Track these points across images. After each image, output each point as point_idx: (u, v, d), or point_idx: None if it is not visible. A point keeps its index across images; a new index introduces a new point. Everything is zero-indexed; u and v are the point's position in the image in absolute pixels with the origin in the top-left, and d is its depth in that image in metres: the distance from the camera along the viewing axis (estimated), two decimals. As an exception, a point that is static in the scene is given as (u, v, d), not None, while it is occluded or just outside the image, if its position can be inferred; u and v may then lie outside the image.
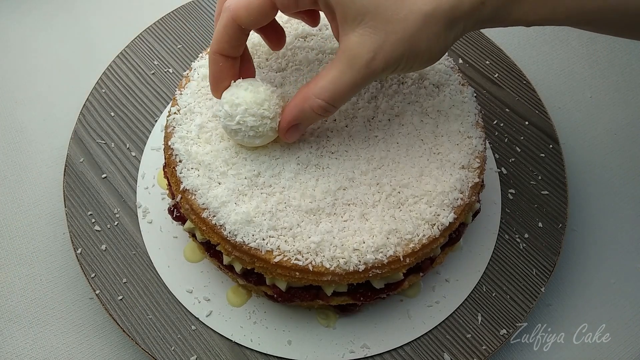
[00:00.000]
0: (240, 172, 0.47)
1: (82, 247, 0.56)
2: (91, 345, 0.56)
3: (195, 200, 0.46)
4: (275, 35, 0.48)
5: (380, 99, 0.50)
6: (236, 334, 0.53)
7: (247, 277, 0.50)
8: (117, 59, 0.67)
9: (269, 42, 0.49)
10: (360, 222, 0.45)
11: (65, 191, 0.59)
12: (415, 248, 0.45)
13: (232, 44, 0.43)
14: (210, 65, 0.45)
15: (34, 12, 0.76)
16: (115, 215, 0.58)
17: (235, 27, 0.42)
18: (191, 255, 0.56)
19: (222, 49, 0.43)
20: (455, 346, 0.53)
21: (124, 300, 0.54)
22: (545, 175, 0.61)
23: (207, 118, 0.49)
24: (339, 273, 0.44)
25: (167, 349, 0.52)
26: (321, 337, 0.53)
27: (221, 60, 0.44)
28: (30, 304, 0.58)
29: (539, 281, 0.55)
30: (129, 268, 0.56)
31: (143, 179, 0.60)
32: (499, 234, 0.58)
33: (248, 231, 0.45)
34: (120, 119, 0.64)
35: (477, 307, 0.54)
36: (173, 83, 0.66)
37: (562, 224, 0.58)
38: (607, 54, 0.73)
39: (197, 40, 0.69)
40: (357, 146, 0.48)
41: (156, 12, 0.71)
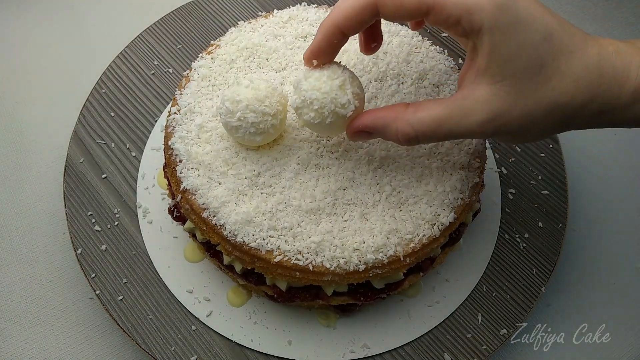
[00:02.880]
0: (240, 172, 0.47)
1: (82, 247, 0.56)
2: (91, 345, 0.56)
3: (195, 200, 0.46)
4: (372, 40, 0.45)
5: (380, 99, 0.50)
6: (236, 334, 0.53)
7: (247, 277, 0.50)
8: (117, 59, 0.67)
9: (363, 44, 0.46)
10: (360, 222, 0.45)
11: (65, 191, 0.59)
12: (415, 248, 0.45)
13: (332, 47, 0.41)
14: (321, 37, 0.41)
15: (34, 12, 0.76)
16: (116, 216, 0.58)
17: (337, 31, 0.40)
18: (191, 255, 0.56)
19: (320, 51, 0.41)
20: (456, 346, 0.53)
21: (124, 301, 0.54)
22: (545, 175, 0.61)
23: (207, 118, 0.49)
24: (339, 273, 0.44)
25: (167, 349, 0.52)
26: (321, 337, 0.53)
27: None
28: (30, 304, 0.58)
29: (539, 281, 0.55)
30: (129, 268, 0.56)
31: (143, 179, 0.60)
32: (499, 234, 0.58)
33: (248, 231, 0.45)
34: (120, 119, 0.64)
35: (477, 307, 0.54)
36: (173, 83, 0.66)
37: (562, 223, 0.58)
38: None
39: (197, 40, 0.69)
40: (357, 146, 0.48)
41: (156, 12, 0.72)
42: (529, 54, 0.36)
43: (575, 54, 0.37)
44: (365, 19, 0.39)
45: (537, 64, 0.36)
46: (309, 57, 0.42)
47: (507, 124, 0.38)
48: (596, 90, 0.37)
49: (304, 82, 0.42)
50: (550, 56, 0.36)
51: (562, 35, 0.37)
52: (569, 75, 0.37)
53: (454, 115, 0.38)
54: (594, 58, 0.37)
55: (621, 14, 0.76)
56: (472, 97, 0.38)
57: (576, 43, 0.37)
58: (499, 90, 0.37)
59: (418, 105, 0.40)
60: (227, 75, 0.52)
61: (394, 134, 0.40)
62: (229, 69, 0.52)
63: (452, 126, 0.38)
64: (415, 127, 0.39)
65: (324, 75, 0.41)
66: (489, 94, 0.37)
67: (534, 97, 0.37)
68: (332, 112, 0.41)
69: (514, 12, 0.35)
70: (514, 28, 0.36)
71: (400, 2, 0.37)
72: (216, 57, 0.53)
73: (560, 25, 0.37)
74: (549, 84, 0.37)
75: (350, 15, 0.38)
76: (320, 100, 0.41)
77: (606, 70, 0.37)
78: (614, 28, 0.75)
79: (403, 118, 0.40)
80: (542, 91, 0.37)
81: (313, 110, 0.42)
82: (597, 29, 0.75)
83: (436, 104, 0.39)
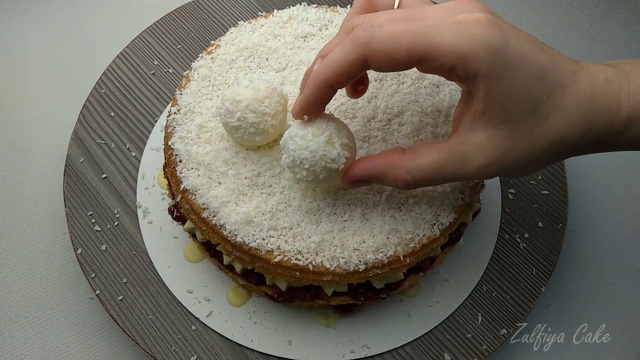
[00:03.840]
0: (240, 172, 0.47)
1: (82, 247, 0.56)
2: (91, 345, 0.56)
3: (195, 200, 0.46)
4: (359, 84, 0.45)
5: (380, 99, 0.50)
6: (236, 334, 0.53)
7: (247, 277, 0.50)
8: (117, 59, 0.67)
9: (350, 89, 0.45)
10: (360, 222, 0.45)
11: (65, 191, 0.59)
12: (415, 248, 0.45)
13: (321, 101, 0.40)
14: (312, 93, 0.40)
15: (34, 12, 0.76)
16: (116, 216, 0.58)
17: (326, 87, 0.39)
18: (191, 255, 0.56)
19: (310, 107, 0.40)
20: (456, 346, 0.53)
21: (124, 301, 0.54)
22: (545, 175, 0.61)
23: (207, 118, 0.49)
24: (339, 273, 0.44)
25: (167, 349, 0.52)
26: (321, 337, 0.53)
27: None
28: (30, 304, 0.58)
29: (539, 281, 0.55)
30: (129, 268, 0.56)
31: (143, 179, 0.60)
32: (499, 234, 0.58)
33: (248, 231, 0.45)
34: (120, 119, 0.64)
35: (477, 307, 0.54)
36: (173, 83, 0.66)
37: (562, 223, 0.58)
38: (608, 54, 0.73)
39: (197, 40, 0.69)
40: (357, 146, 0.48)
41: (156, 12, 0.71)
42: (525, 95, 0.36)
43: (568, 88, 0.37)
44: (355, 73, 0.38)
45: (532, 105, 0.36)
46: (299, 113, 0.41)
47: (507, 166, 0.38)
48: (590, 123, 0.37)
49: (290, 142, 0.41)
50: (544, 94, 0.36)
51: (554, 71, 0.36)
52: (564, 111, 0.36)
53: (452, 161, 0.38)
54: (587, 90, 0.37)
55: (621, 14, 0.76)
56: (470, 142, 0.38)
57: (568, 77, 0.37)
58: (497, 134, 0.37)
59: (415, 152, 0.39)
60: (227, 75, 0.52)
61: (392, 182, 0.40)
62: (229, 69, 0.52)
63: (451, 171, 0.38)
64: (413, 174, 0.39)
65: (308, 133, 0.41)
66: (486, 138, 0.37)
67: (531, 137, 0.37)
68: (324, 168, 0.41)
69: (509, 56, 0.35)
70: (509, 72, 0.35)
71: (390, 54, 0.35)
72: (216, 57, 0.53)
73: (551, 60, 0.37)
74: (545, 123, 0.37)
75: (340, 71, 0.37)
76: (310, 159, 0.40)
77: (599, 102, 0.37)
78: (614, 28, 0.75)
79: (401, 166, 0.39)
80: (539, 130, 0.37)
81: (304, 169, 0.41)
82: (597, 29, 0.75)
83: (433, 150, 0.39)
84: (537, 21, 0.75)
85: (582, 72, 0.37)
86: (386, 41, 0.35)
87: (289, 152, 0.41)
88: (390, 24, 0.36)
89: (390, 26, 0.36)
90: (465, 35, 0.35)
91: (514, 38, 0.35)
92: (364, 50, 0.36)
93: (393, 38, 0.35)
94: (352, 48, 0.36)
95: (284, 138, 0.42)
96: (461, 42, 0.34)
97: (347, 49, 0.36)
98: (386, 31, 0.35)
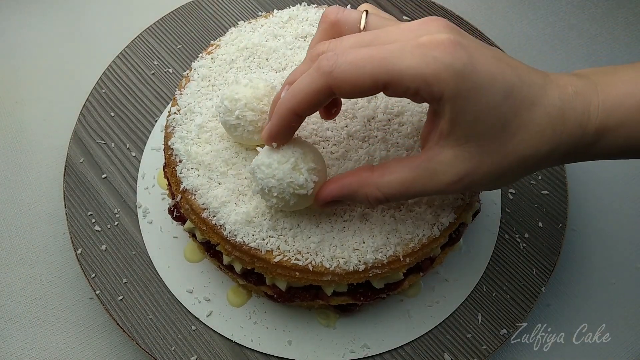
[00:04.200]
0: (240, 172, 0.47)
1: (82, 247, 0.56)
2: (91, 345, 0.56)
3: (195, 200, 0.46)
4: (332, 107, 0.44)
5: (380, 99, 0.50)
6: (236, 334, 0.53)
7: (247, 277, 0.50)
8: (117, 59, 0.67)
9: (323, 112, 0.45)
10: (360, 222, 0.45)
11: (65, 191, 0.59)
12: (415, 248, 0.45)
13: (289, 129, 0.40)
14: (279, 122, 0.40)
15: (34, 12, 0.76)
16: (115, 216, 0.58)
17: (292, 116, 0.39)
18: (191, 255, 0.56)
19: (278, 135, 0.40)
20: (456, 346, 0.53)
21: (124, 301, 0.54)
22: (545, 175, 0.61)
23: (207, 118, 0.49)
24: (339, 273, 0.44)
25: (167, 349, 0.52)
26: (321, 337, 0.53)
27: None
28: (30, 304, 0.58)
29: (539, 281, 0.55)
30: (129, 268, 0.56)
31: (143, 179, 0.60)
32: (499, 234, 0.58)
33: (248, 231, 0.45)
34: (120, 119, 0.64)
35: (477, 307, 0.54)
36: (173, 83, 0.66)
37: (562, 223, 0.58)
38: (607, 54, 0.73)
39: (197, 40, 0.69)
40: (356, 146, 0.48)
41: (156, 12, 0.71)
42: (492, 115, 0.35)
43: (537, 104, 0.36)
44: (321, 101, 0.37)
45: (500, 123, 0.36)
46: (268, 140, 0.41)
47: (475, 182, 0.38)
48: (560, 137, 0.37)
49: (257, 170, 0.41)
50: (512, 112, 0.36)
51: (522, 88, 0.36)
52: (532, 127, 0.36)
53: (420, 177, 0.38)
54: (556, 104, 0.37)
55: (621, 14, 0.76)
56: (437, 160, 0.38)
57: (536, 92, 0.36)
58: (464, 152, 0.37)
59: (384, 169, 0.40)
60: (227, 75, 0.52)
61: (363, 199, 0.40)
62: (229, 69, 0.52)
63: (420, 188, 0.38)
64: (383, 191, 0.39)
65: (274, 161, 0.40)
66: (453, 156, 0.37)
67: (499, 154, 0.37)
68: (293, 195, 0.41)
69: (475, 77, 0.34)
70: (475, 93, 0.35)
71: (354, 82, 0.35)
72: (216, 57, 0.53)
73: (519, 77, 0.36)
74: (514, 140, 0.36)
75: (306, 100, 0.37)
76: (277, 187, 0.40)
77: (568, 115, 0.37)
78: (614, 28, 0.75)
79: (370, 183, 0.39)
80: (508, 148, 0.37)
81: (274, 197, 0.41)
82: (597, 29, 0.75)
83: (402, 166, 0.39)
84: (537, 21, 0.75)
85: (551, 85, 0.37)
86: (349, 69, 0.35)
87: (257, 180, 0.41)
88: (353, 51, 0.36)
89: (353, 53, 0.35)
90: (428, 59, 0.34)
91: (480, 57, 0.35)
92: (329, 80, 0.36)
93: (356, 66, 0.35)
94: (317, 78, 0.36)
95: (252, 166, 0.42)
96: (424, 66, 0.34)
97: (312, 79, 0.36)
98: (349, 59, 0.35)
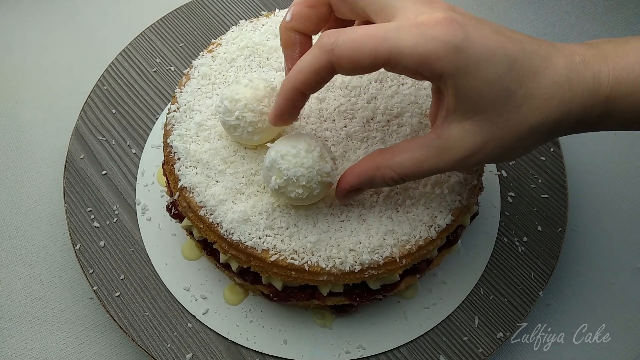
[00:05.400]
0: (238, 170, 0.47)
1: (81, 243, 0.56)
2: (91, 345, 0.56)
3: (192, 198, 0.46)
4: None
5: (379, 100, 0.50)
6: (232, 333, 0.53)
7: (243, 276, 0.50)
8: (120, 56, 0.67)
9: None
10: (357, 223, 0.45)
11: (65, 187, 0.59)
12: (411, 249, 0.45)
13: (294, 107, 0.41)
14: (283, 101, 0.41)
15: (36, 10, 0.76)
16: (115, 212, 0.58)
17: (297, 93, 0.39)
18: (189, 253, 0.56)
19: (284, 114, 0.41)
20: (452, 348, 0.53)
21: (122, 297, 0.54)
22: (545, 178, 0.60)
23: (206, 116, 0.49)
24: (335, 273, 0.44)
25: (163, 346, 0.52)
26: (317, 337, 0.53)
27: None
28: (30, 304, 0.58)
29: (537, 285, 0.55)
30: (127, 265, 0.56)
31: (143, 176, 0.60)
32: (498, 237, 0.58)
33: (245, 230, 0.45)
34: (122, 116, 0.64)
35: (474, 310, 0.54)
36: (174, 81, 0.66)
37: (562, 227, 0.58)
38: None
39: (200, 38, 0.69)
40: (355, 147, 0.48)
41: (159, 10, 0.72)
42: (495, 87, 0.36)
43: (542, 73, 0.36)
44: (324, 79, 0.38)
45: (504, 95, 0.36)
46: (274, 120, 0.42)
47: (487, 155, 0.38)
48: (569, 105, 0.37)
49: (281, 161, 0.41)
50: (516, 83, 0.36)
51: (525, 59, 0.36)
52: (539, 97, 0.36)
53: (431, 155, 0.38)
54: (562, 72, 0.37)
55: (621, 14, 0.75)
56: (447, 136, 0.38)
57: (540, 62, 0.37)
58: (472, 126, 0.37)
59: (394, 149, 0.40)
60: (227, 74, 0.52)
61: (381, 182, 0.41)
62: (230, 67, 0.52)
63: (432, 165, 0.39)
64: (397, 171, 0.40)
65: (301, 150, 0.41)
66: (462, 131, 0.37)
67: (508, 125, 0.37)
68: (320, 183, 0.41)
69: (472, 52, 0.35)
70: (475, 67, 0.35)
71: (355, 60, 0.36)
72: (217, 56, 0.53)
73: (522, 49, 0.36)
74: (521, 110, 0.36)
75: (309, 77, 0.38)
76: (307, 175, 0.41)
77: (576, 83, 0.37)
78: (614, 28, 0.75)
79: (384, 165, 0.40)
80: (515, 118, 0.37)
81: (300, 187, 0.41)
82: (597, 29, 0.75)
83: (413, 145, 0.39)
84: (537, 21, 0.75)
85: (557, 55, 0.37)
86: (350, 47, 0.36)
87: (280, 172, 0.41)
88: (354, 29, 0.36)
89: (353, 31, 0.36)
90: (426, 37, 0.35)
91: (476, 33, 0.35)
92: (330, 56, 0.36)
93: (357, 43, 0.36)
94: (319, 55, 0.37)
95: (272, 159, 0.42)
96: (422, 44, 0.35)
97: (314, 56, 0.37)
98: (350, 36, 0.36)
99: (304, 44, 0.42)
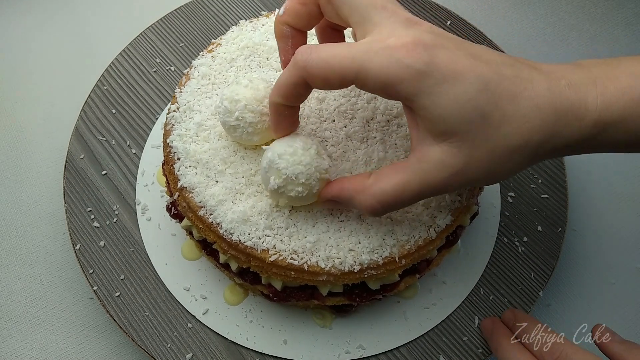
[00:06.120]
0: (237, 170, 0.47)
1: (81, 243, 0.57)
2: (91, 345, 0.56)
3: (192, 198, 0.46)
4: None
5: (379, 100, 0.50)
6: (232, 333, 0.53)
7: (243, 276, 0.50)
8: (120, 56, 0.67)
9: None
10: (356, 223, 0.45)
11: (65, 187, 0.59)
12: (411, 249, 0.45)
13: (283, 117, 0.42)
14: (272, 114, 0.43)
15: (36, 10, 0.76)
16: (115, 212, 0.59)
17: (280, 107, 0.41)
18: (189, 253, 0.56)
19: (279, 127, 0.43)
20: (451, 348, 0.53)
21: (122, 297, 0.54)
22: (545, 178, 0.60)
23: (206, 116, 0.49)
24: (334, 273, 0.44)
25: (163, 346, 0.52)
26: (317, 337, 0.53)
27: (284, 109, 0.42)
28: (30, 304, 0.58)
29: (537, 285, 0.55)
30: (127, 265, 0.56)
31: (143, 176, 0.60)
32: (498, 237, 0.58)
33: (244, 230, 0.45)
34: (122, 116, 0.64)
35: (474, 310, 0.54)
36: (175, 81, 0.66)
37: (562, 228, 0.58)
38: (607, 54, 0.73)
39: (200, 38, 0.69)
40: (355, 147, 0.48)
41: (159, 10, 0.72)
42: (467, 107, 0.36)
43: (520, 96, 0.36)
44: (301, 93, 0.39)
45: (479, 116, 0.36)
46: (275, 133, 0.43)
47: (470, 177, 0.38)
48: (553, 128, 0.37)
49: (279, 161, 0.41)
50: (492, 104, 0.36)
51: (501, 81, 0.36)
52: (517, 118, 0.36)
53: (414, 179, 0.38)
54: (544, 94, 0.36)
55: (621, 14, 0.75)
56: (427, 159, 0.38)
57: (518, 85, 0.36)
58: (450, 147, 0.37)
59: (379, 175, 0.40)
60: (227, 74, 0.52)
61: (359, 207, 0.41)
62: (229, 67, 0.52)
63: (415, 190, 0.38)
64: (378, 199, 0.39)
65: (298, 148, 0.41)
66: (441, 153, 0.37)
67: (487, 146, 0.37)
68: (319, 180, 0.42)
69: (435, 74, 0.35)
70: (440, 89, 0.35)
71: (325, 78, 0.37)
72: (217, 56, 0.53)
73: (497, 72, 0.36)
74: (500, 131, 0.36)
75: (287, 92, 0.39)
76: (305, 172, 0.41)
77: (560, 106, 0.36)
78: (614, 28, 0.75)
79: (366, 191, 0.40)
80: (494, 139, 0.36)
81: (300, 185, 0.41)
82: (597, 29, 0.75)
83: (395, 171, 0.39)
84: (537, 21, 0.75)
85: (540, 77, 0.37)
86: (320, 65, 0.37)
87: (279, 171, 0.41)
88: (326, 47, 0.37)
89: (325, 50, 0.37)
90: (391, 60, 0.35)
91: (444, 56, 0.36)
92: (302, 73, 0.38)
93: (326, 62, 0.37)
94: (294, 71, 0.38)
95: (269, 160, 0.42)
96: (387, 67, 0.35)
97: (290, 72, 0.38)
98: (321, 55, 0.37)
99: (296, 37, 0.43)
